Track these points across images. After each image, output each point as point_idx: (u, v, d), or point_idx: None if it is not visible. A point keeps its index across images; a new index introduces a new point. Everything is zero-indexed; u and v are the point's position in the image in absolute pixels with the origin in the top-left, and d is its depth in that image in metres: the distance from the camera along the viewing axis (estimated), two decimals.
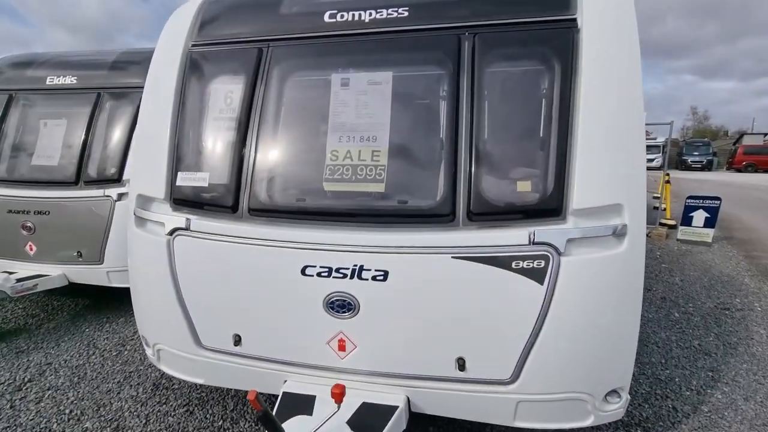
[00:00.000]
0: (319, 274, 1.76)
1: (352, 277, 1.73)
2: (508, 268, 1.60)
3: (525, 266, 1.60)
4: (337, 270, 1.74)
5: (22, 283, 3.37)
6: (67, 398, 2.58)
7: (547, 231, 1.59)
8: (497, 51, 1.78)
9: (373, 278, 1.71)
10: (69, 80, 3.75)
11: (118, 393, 2.63)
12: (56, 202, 3.54)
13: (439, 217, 1.70)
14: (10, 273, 3.52)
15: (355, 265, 1.72)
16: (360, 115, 1.90)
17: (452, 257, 1.64)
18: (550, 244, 1.58)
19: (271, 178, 1.93)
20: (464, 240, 1.65)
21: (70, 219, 3.52)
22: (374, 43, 1.91)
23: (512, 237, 1.61)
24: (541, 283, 1.59)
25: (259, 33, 2.05)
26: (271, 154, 1.94)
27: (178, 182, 1.98)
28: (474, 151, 1.70)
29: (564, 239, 1.57)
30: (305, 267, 1.77)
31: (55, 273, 3.56)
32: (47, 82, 3.77)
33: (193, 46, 2.14)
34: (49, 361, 3.01)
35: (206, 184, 1.93)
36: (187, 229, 1.92)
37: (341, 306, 1.77)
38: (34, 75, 3.84)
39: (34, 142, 3.74)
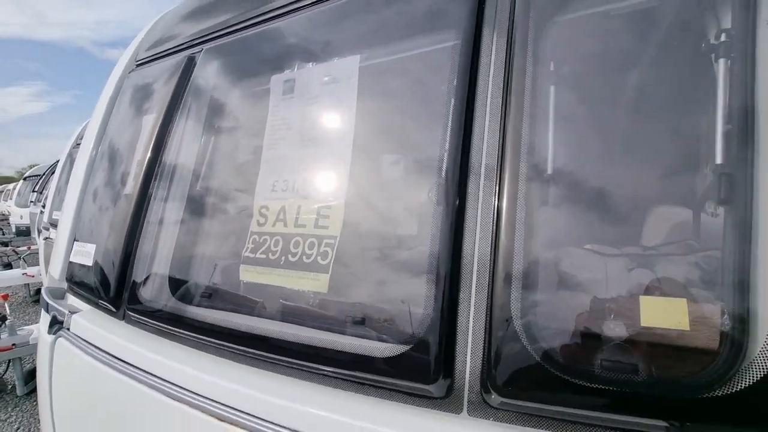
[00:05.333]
0: None
1: None
2: None
3: None
4: None
5: None
6: None
7: None
8: None
9: None
10: None
11: None
12: None
13: (418, 375, 0.68)
14: None
15: None
16: (307, 140, 1.03)
17: None
18: None
19: (170, 253, 1.16)
20: None
21: None
22: (332, 10, 1.04)
23: None
24: None
25: (194, 35, 1.38)
26: (175, 214, 1.18)
27: (72, 255, 1.36)
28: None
29: None
30: None
31: None
32: None
33: (137, 65, 1.59)
34: None
35: (91, 261, 1.26)
36: (67, 328, 1.26)
37: None
38: None
39: None
